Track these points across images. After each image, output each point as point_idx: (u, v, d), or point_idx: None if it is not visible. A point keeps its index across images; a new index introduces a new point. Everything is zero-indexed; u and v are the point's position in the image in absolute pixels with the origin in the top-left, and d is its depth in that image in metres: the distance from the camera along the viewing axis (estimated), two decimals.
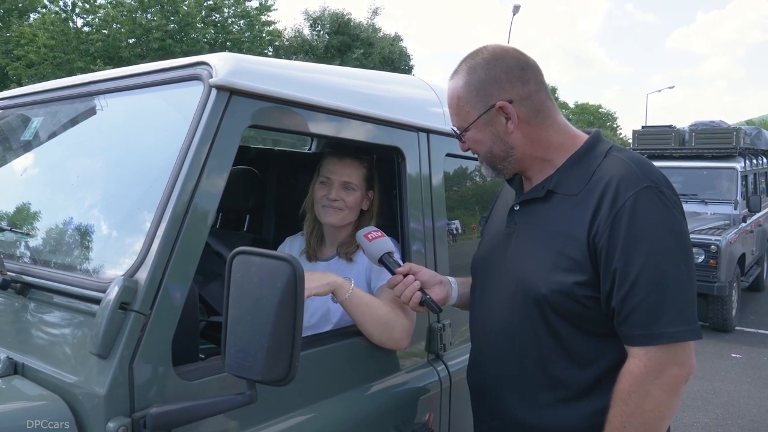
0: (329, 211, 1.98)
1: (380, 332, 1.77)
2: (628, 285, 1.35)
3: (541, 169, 1.58)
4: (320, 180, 2.02)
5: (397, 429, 1.81)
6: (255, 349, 1.17)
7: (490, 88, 1.51)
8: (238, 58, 1.51)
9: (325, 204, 1.99)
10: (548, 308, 1.45)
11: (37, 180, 1.99)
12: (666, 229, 1.37)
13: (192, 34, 23.02)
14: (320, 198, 2.00)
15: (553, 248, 1.46)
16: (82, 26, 22.59)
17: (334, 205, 1.98)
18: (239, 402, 1.25)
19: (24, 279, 1.52)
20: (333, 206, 1.98)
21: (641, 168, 1.43)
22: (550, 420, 1.49)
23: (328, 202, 1.98)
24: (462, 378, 1.99)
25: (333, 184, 1.99)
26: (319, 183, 2.02)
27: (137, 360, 1.24)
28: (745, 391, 5.76)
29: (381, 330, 1.76)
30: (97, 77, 1.83)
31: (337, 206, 1.98)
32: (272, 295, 1.17)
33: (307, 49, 29.68)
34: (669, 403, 1.35)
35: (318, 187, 2.02)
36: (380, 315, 1.76)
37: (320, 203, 2.00)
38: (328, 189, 1.99)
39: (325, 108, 1.69)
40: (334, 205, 1.98)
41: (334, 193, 1.98)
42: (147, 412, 1.22)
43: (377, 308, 1.77)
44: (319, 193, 2.01)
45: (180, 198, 1.33)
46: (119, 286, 1.23)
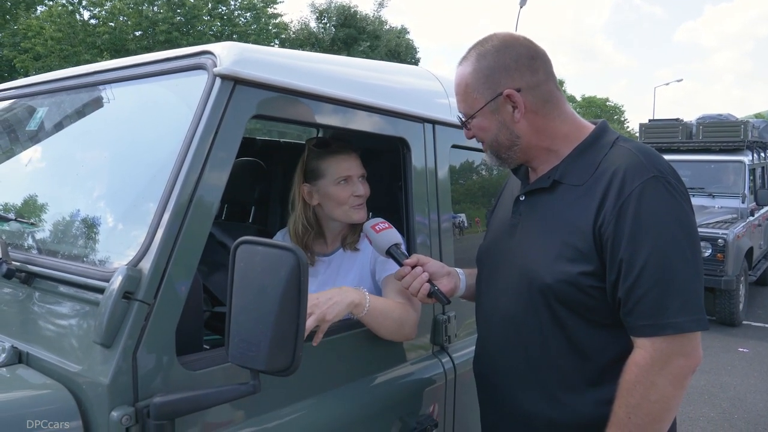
0: (359, 210, 1.92)
1: (393, 332, 1.76)
2: (635, 275, 1.34)
3: (546, 159, 1.56)
4: (338, 181, 1.91)
5: (402, 420, 1.81)
6: (258, 339, 1.17)
7: (498, 75, 1.50)
8: (242, 48, 1.50)
9: (353, 203, 1.91)
10: (553, 298, 1.45)
11: (42, 170, 1.99)
12: (673, 219, 1.35)
13: (198, 26, 23.02)
14: (346, 198, 1.90)
15: (558, 238, 1.45)
16: (89, 19, 22.63)
17: (361, 201, 1.92)
18: (243, 392, 1.25)
19: (28, 268, 1.52)
20: (361, 202, 1.92)
21: (648, 158, 1.42)
22: (556, 410, 1.48)
23: (357, 200, 1.91)
24: (467, 370, 1.99)
25: (354, 180, 1.92)
26: (338, 184, 1.90)
27: (141, 349, 1.24)
28: (752, 386, 5.74)
29: (394, 330, 1.76)
30: (101, 67, 1.82)
31: (363, 200, 1.93)
32: (276, 285, 1.17)
33: (313, 42, 29.65)
34: (674, 394, 1.34)
35: (338, 188, 1.90)
36: (394, 318, 1.74)
37: (348, 204, 1.91)
38: (352, 186, 1.91)
39: (330, 98, 1.68)
40: (360, 202, 1.92)
41: (361, 188, 1.92)
42: (150, 401, 1.22)
43: (391, 312, 1.74)
44: (343, 193, 1.90)
45: (184, 188, 1.33)
46: (123, 275, 1.23)
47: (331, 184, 1.91)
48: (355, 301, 1.63)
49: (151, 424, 1.21)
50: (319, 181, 1.93)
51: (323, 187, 1.93)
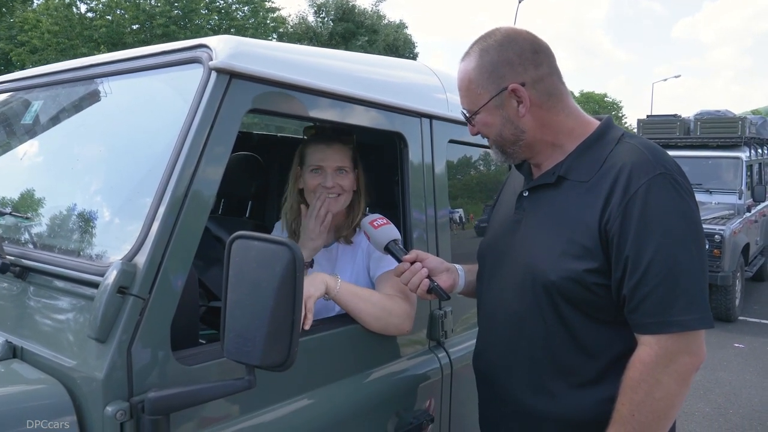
0: (328, 200, 1.92)
1: (377, 320, 1.76)
2: (640, 273, 1.33)
3: (551, 155, 1.55)
4: (311, 168, 1.94)
5: (398, 415, 1.81)
6: (254, 334, 1.16)
7: (502, 70, 1.49)
8: (238, 41, 1.49)
9: (320, 194, 1.92)
10: (557, 295, 1.44)
11: (37, 164, 1.98)
12: (679, 217, 1.35)
13: (196, 20, 22.98)
14: (314, 187, 1.93)
15: (563, 235, 1.45)
16: (86, 12, 22.57)
17: (332, 192, 1.93)
18: (238, 387, 1.24)
19: (23, 263, 1.51)
20: (331, 193, 1.93)
21: (654, 155, 1.41)
22: (558, 407, 1.48)
23: (324, 190, 1.92)
24: (463, 365, 1.98)
25: (327, 171, 1.93)
26: (311, 172, 1.94)
27: (135, 344, 1.23)
28: (747, 381, 5.76)
29: (377, 317, 1.75)
30: (97, 60, 1.81)
31: (336, 192, 1.93)
32: (271, 279, 1.16)
33: (311, 36, 29.57)
34: (679, 391, 1.34)
35: (310, 176, 1.94)
36: (374, 302, 1.75)
37: (316, 193, 1.93)
38: (323, 177, 1.92)
39: (327, 92, 1.67)
40: (332, 192, 1.92)
41: (330, 180, 1.92)
42: (145, 396, 1.21)
43: (369, 296, 1.76)
44: (313, 182, 1.93)
45: (179, 182, 1.32)
46: (117, 269, 1.22)
47: (307, 170, 1.97)
48: (326, 279, 1.70)
49: (146, 419, 1.20)
50: (303, 166, 2.00)
51: (304, 173, 1.99)
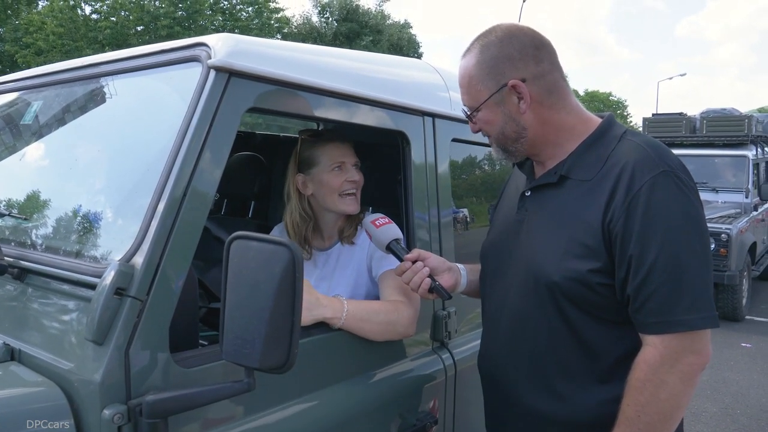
0: (350, 199, 1.90)
1: (382, 334, 1.74)
2: (644, 272, 1.31)
3: (553, 153, 1.54)
4: (333, 167, 1.89)
5: (402, 417, 1.79)
6: (253, 335, 1.14)
7: (502, 66, 1.47)
8: (237, 39, 1.47)
9: (346, 190, 1.89)
10: (561, 296, 1.42)
11: (35, 164, 1.97)
12: (683, 215, 1.33)
13: (200, 21, 23.03)
14: (340, 184, 1.88)
15: (566, 234, 1.43)
16: (91, 13, 22.64)
17: (354, 189, 1.90)
18: (237, 390, 1.22)
19: (21, 264, 1.50)
20: (353, 190, 1.90)
21: (657, 153, 1.39)
22: (563, 408, 1.46)
23: (350, 186, 1.89)
24: (467, 366, 1.97)
25: (348, 166, 1.91)
26: (331, 171, 1.89)
27: (133, 346, 1.21)
28: (754, 381, 5.72)
29: (382, 332, 1.74)
30: (95, 60, 1.80)
31: (356, 189, 1.92)
32: (270, 280, 1.14)
33: (315, 37, 29.59)
34: (684, 392, 1.32)
35: (331, 175, 1.89)
36: (380, 321, 1.72)
37: (339, 191, 1.89)
38: (347, 173, 1.90)
39: (328, 91, 1.65)
40: (353, 189, 1.90)
41: (355, 173, 1.91)
42: (143, 399, 1.19)
43: (375, 316, 1.71)
44: (337, 180, 1.88)
45: (178, 181, 1.30)
46: (115, 271, 1.21)
47: (325, 171, 1.90)
48: (327, 316, 1.61)
49: (144, 422, 1.18)
50: (313, 169, 1.92)
51: (317, 175, 1.91)
